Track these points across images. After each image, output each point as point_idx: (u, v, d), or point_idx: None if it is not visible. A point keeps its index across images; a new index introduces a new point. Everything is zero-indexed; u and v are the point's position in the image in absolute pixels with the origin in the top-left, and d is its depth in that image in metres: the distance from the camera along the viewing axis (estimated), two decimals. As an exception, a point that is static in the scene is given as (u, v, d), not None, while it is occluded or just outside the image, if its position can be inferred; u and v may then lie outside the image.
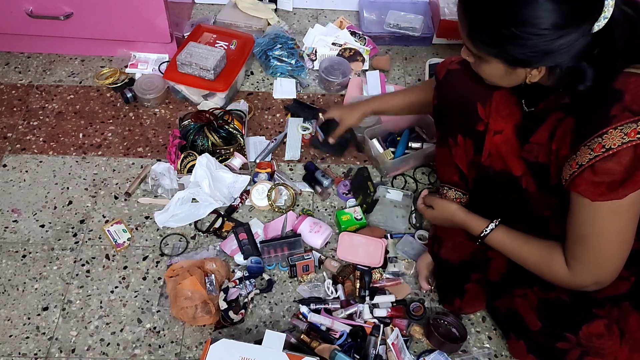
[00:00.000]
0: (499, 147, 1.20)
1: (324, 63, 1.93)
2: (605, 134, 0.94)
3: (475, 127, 1.22)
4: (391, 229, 1.54)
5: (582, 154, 0.97)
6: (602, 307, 1.12)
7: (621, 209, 0.97)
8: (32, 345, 1.31)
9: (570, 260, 1.07)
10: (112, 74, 1.92)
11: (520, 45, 0.94)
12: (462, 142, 1.27)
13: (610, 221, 1.00)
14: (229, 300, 1.34)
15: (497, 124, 1.19)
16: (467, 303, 1.33)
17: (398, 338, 1.29)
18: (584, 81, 0.97)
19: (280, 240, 1.46)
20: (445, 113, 1.31)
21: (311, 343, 1.27)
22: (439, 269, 1.38)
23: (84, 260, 1.47)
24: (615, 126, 0.93)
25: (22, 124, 1.78)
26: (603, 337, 1.11)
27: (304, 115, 1.80)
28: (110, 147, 1.73)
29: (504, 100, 1.18)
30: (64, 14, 1.81)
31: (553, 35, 0.92)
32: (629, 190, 0.95)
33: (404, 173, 1.69)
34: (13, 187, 1.62)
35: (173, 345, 1.32)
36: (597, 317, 1.12)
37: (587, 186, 0.98)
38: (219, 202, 1.54)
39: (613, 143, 0.93)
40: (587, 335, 1.12)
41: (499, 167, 1.21)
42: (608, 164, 0.94)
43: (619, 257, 1.04)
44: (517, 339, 1.25)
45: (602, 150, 0.94)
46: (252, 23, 2.09)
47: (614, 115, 0.93)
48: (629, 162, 0.93)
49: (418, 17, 2.10)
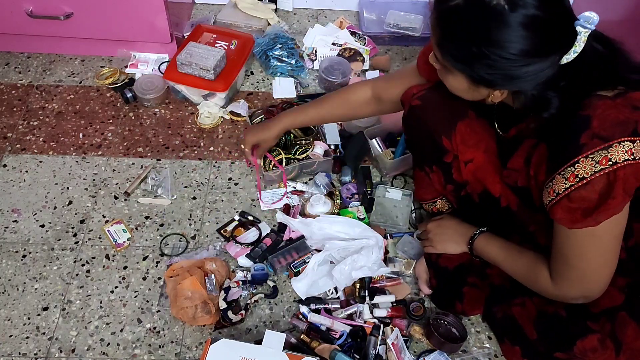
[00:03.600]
0: (475, 174, 1.21)
1: (324, 63, 1.93)
2: (577, 163, 0.94)
3: (443, 159, 1.23)
4: (391, 228, 1.54)
5: (558, 182, 0.97)
6: (597, 321, 1.13)
7: (599, 233, 0.98)
8: (32, 345, 1.31)
9: (555, 275, 1.08)
10: (112, 74, 1.92)
11: (487, 65, 0.94)
12: (437, 170, 1.29)
13: (590, 244, 1.00)
14: (229, 300, 1.34)
15: (465, 154, 1.19)
16: (468, 306, 1.33)
17: (398, 338, 1.29)
18: (548, 109, 0.97)
19: (287, 247, 1.46)
20: (415, 147, 1.34)
21: (311, 343, 1.27)
22: (436, 275, 1.38)
23: (84, 260, 1.47)
24: (586, 155, 0.92)
25: (22, 124, 1.78)
26: (597, 351, 1.12)
27: None
28: (110, 147, 1.73)
29: (468, 130, 1.18)
30: (64, 14, 1.81)
31: (520, 61, 0.91)
32: (602, 218, 0.95)
33: (404, 173, 1.69)
34: (13, 187, 1.62)
35: (173, 345, 1.32)
36: (591, 331, 1.12)
37: (563, 214, 0.98)
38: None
39: (585, 172, 0.93)
40: (582, 350, 1.13)
41: (480, 190, 1.22)
42: (582, 192, 0.94)
43: (602, 275, 1.05)
44: (512, 344, 1.26)
45: (575, 180, 0.94)
46: (252, 23, 2.09)
47: (584, 144, 0.92)
48: (602, 189, 0.93)
49: (418, 17, 2.10)
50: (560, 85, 0.95)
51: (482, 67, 0.95)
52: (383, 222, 1.55)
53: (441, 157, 1.24)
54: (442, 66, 1.05)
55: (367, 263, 1.38)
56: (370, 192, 1.60)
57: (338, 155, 1.67)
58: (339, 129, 1.75)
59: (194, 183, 1.65)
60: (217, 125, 1.81)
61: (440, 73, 1.08)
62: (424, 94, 1.23)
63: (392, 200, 1.59)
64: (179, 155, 1.72)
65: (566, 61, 0.93)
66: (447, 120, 1.18)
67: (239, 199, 1.62)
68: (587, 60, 0.94)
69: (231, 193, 1.63)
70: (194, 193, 1.63)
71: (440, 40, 0.99)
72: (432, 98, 1.23)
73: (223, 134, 1.79)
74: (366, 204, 1.58)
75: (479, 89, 1.02)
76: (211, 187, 1.65)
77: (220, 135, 1.79)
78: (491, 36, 0.91)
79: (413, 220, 1.57)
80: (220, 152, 1.74)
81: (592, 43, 0.94)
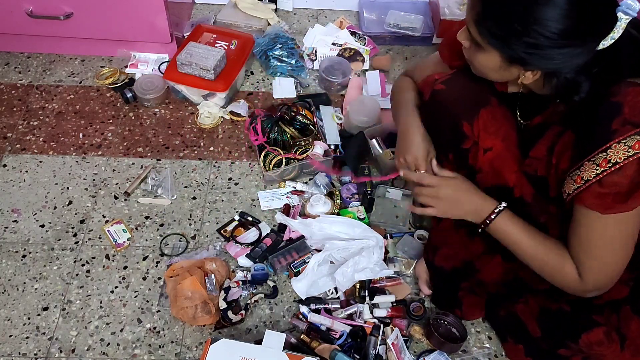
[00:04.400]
0: (492, 163, 1.18)
1: (324, 63, 1.93)
2: (610, 149, 0.94)
3: (462, 145, 1.20)
4: (391, 228, 1.54)
5: (587, 169, 0.97)
6: (601, 314, 1.12)
7: (627, 219, 0.98)
8: (32, 345, 1.31)
9: (578, 267, 1.07)
10: (112, 74, 1.92)
11: (525, 43, 0.94)
12: (452, 158, 1.26)
13: (616, 231, 1.00)
14: (229, 300, 1.34)
15: (486, 141, 1.17)
16: (468, 313, 1.34)
17: (398, 338, 1.29)
18: (579, 92, 0.97)
19: (287, 247, 1.46)
20: (434, 133, 1.28)
21: (311, 343, 1.27)
22: (433, 276, 1.38)
23: (84, 260, 1.47)
24: (619, 140, 0.93)
25: (22, 124, 1.78)
26: (603, 344, 1.11)
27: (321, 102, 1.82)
28: (110, 147, 1.73)
29: (490, 117, 1.17)
30: (64, 14, 1.81)
31: (560, 42, 0.92)
32: (637, 203, 0.95)
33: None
34: (13, 187, 1.62)
35: (173, 345, 1.32)
36: (597, 324, 1.12)
37: (594, 199, 0.97)
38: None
39: (618, 157, 0.93)
40: (587, 343, 1.12)
41: (493, 182, 1.19)
42: (614, 177, 0.94)
43: (622, 265, 1.05)
44: (515, 342, 1.25)
45: (608, 165, 0.94)
46: (252, 23, 2.09)
47: (616, 130, 0.93)
48: (634, 174, 0.93)
49: (418, 17, 2.10)
50: (593, 71, 0.96)
51: (520, 45, 0.94)
52: (383, 222, 1.55)
53: (459, 143, 1.20)
54: (473, 44, 1.04)
55: (368, 264, 1.38)
56: (370, 192, 1.60)
57: (338, 155, 1.67)
58: (339, 129, 1.75)
59: (194, 183, 1.65)
60: (217, 125, 1.81)
61: (469, 51, 1.07)
62: (448, 78, 1.21)
63: (392, 200, 1.59)
64: (179, 155, 1.72)
65: (602, 46, 0.94)
66: (470, 106, 1.16)
67: (239, 199, 1.62)
68: (622, 47, 0.94)
69: (231, 193, 1.63)
70: (194, 193, 1.63)
71: (480, 16, 0.98)
72: (456, 83, 1.20)
73: (223, 134, 1.79)
74: (366, 204, 1.58)
75: (511, 69, 1.02)
76: (211, 187, 1.65)
77: (220, 135, 1.79)
78: (535, 13, 0.91)
79: (413, 220, 1.57)
80: (220, 152, 1.74)
81: (629, 29, 0.94)
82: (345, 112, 1.80)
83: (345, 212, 1.55)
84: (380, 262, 1.40)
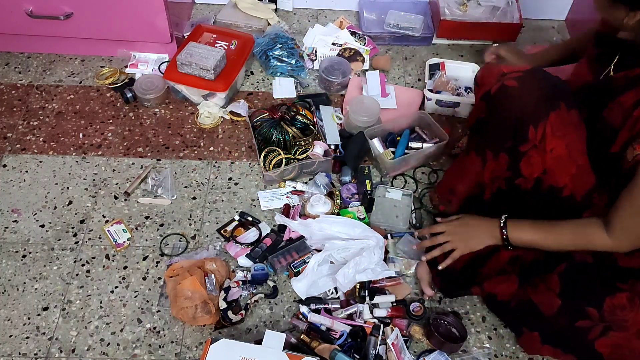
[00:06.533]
0: (548, 165, 1.18)
1: (324, 63, 1.93)
2: None
3: (520, 147, 1.18)
4: (391, 228, 1.54)
5: None
6: (625, 282, 1.14)
7: None
8: (32, 345, 1.31)
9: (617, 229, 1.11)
10: (112, 74, 1.92)
11: None
12: (503, 158, 1.23)
13: None
14: (229, 300, 1.34)
15: (550, 144, 1.16)
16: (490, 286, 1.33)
17: (398, 338, 1.30)
18: None
19: (287, 247, 1.46)
20: (493, 128, 1.25)
21: (311, 343, 1.28)
22: (441, 278, 1.37)
23: (84, 260, 1.47)
24: None
25: (22, 124, 1.78)
26: (625, 309, 1.12)
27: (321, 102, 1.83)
28: (110, 147, 1.74)
29: (558, 122, 1.15)
30: (64, 14, 1.81)
31: None
32: None
33: (404, 173, 1.69)
34: (13, 187, 1.62)
35: (173, 345, 1.33)
36: (620, 290, 1.13)
37: None
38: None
39: None
40: (611, 307, 1.13)
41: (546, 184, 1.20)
42: None
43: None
44: (530, 330, 1.25)
45: None
46: (252, 23, 2.09)
47: None
48: None
49: (418, 17, 2.10)
50: None
51: None
52: (383, 222, 1.55)
53: (518, 144, 1.18)
54: None
55: (369, 265, 1.38)
56: (370, 192, 1.60)
57: (338, 155, 1.67)
58: (339, 129, 1.75)
59: (194, 183, 1.65)
60: (217, 125, 1.81)
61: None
62: (522, 75, 1.18)
63: (392, 200, 1.59)
64: (179, 155, 1.72)
65: None
66: (541, 108, 1.14)
67: (239, 199, 1.62)
68: None
69: (231, 193, 1.63)
70: (194, 193, 1.63)
71: None
72: (529, 82, 1.18)
73: (223, 134, 1.79)
74: (366, 204, 1.58)
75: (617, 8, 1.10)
76: (211, 187, 1.65)
77: (220, 135, 1.79)
78: None
79: (413, 220, 1.57)
80: (220, 152, 1.74)
81: None
82: (345, 112, 1.80)
83: (345, 212, 1.55)
84: (382, 263, 1.40)
